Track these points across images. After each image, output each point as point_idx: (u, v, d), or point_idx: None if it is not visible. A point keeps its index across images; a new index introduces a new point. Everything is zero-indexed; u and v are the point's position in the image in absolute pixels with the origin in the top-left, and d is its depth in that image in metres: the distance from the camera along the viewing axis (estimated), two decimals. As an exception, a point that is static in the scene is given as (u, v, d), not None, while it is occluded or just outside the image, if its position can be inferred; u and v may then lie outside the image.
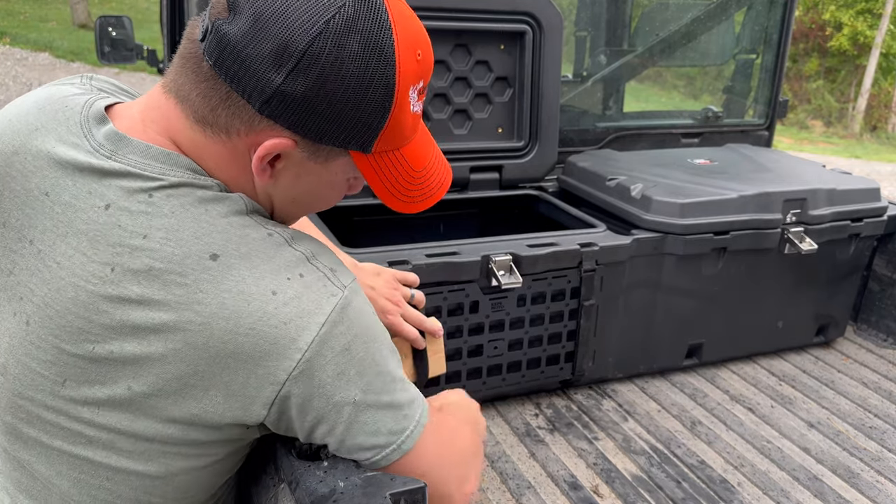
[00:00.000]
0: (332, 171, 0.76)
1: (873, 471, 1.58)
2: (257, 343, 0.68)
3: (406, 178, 0.79)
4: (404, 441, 0.77)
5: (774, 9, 2.44)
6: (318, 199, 0.81)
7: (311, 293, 0.70)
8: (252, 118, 0.69)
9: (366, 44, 0.67)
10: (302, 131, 0.70)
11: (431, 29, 2.05)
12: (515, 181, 2.05)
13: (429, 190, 0.83)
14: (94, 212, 0.69)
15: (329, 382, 0.71)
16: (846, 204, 1.93)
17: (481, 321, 1.62)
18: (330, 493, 0.74)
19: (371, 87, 0.68)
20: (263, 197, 0.77)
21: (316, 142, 0.71)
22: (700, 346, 1.93)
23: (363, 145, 0.72)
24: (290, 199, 0.78)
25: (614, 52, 2.56)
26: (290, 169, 0.74)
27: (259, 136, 0.70)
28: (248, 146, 0.71)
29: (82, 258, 0.69)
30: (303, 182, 0.76)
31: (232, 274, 0.68)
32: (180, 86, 0.71)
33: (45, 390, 0.71)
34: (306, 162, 0.73)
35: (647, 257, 1.75)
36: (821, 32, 15.08)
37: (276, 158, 0.72)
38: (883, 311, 2.15)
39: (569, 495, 1.46)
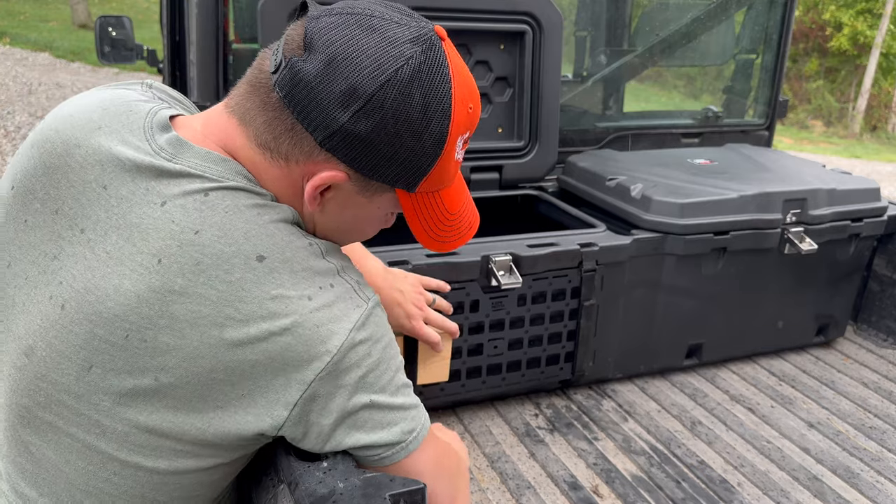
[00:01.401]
0: (376, 205, 0.82)
1: (873, 471, 1.58)
2: (290, 343, 0.72)
3: (441, 219, 0.86)
4: (412, 441, 0.82)
5: (774, 9, 2.44)
6: (357, 230, 0.87)
7: (341, 302, 0.76)
8: (312, 150, 0.75)
9: (428, 94, 0.73)
10: (356, 167, 0.76)
11: (431, 29, 2.03)
12: (515, 181, 2.05)
13: (458, 232, 0.89)
14: (150, 207, 0.73)
15: (351, 384, 0.75)
16: (846, 204, 1.93)
17: (481, 320, 1.62)
18: (329, 494, 0.74)
19: (426, 134, 0.74)
20: (308, 220, 0.83)
21: (367, 178, 0.77)
22: (700, 347, 1.93)
23: (409, 185, 0.79)
24: (334, 228, 0.84)
25: (614, 52, 2.56)
26: (338, 199, 0.79)
27: (316, 166, 0.76)
28: (304, 174, 0.77)
29: (131, 248, 0.72)
30: (347, 213, 0.82)
31: (274, 277, 0.72)
32: (246, 110, 0.77)
33: (71, 374, 0.72)
34: (355, 195, 0.79)
35: (647, 257, 1.75)
36: (821, 32, 15.09)
37: (327, 189, 0.78)
38: (883, 311, 2.15)
39: (569, 495, 1.46)
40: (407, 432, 0.81)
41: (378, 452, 0.80)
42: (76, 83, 8.70)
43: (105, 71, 9.72)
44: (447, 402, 1.69)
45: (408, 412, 0.82)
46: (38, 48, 10.60)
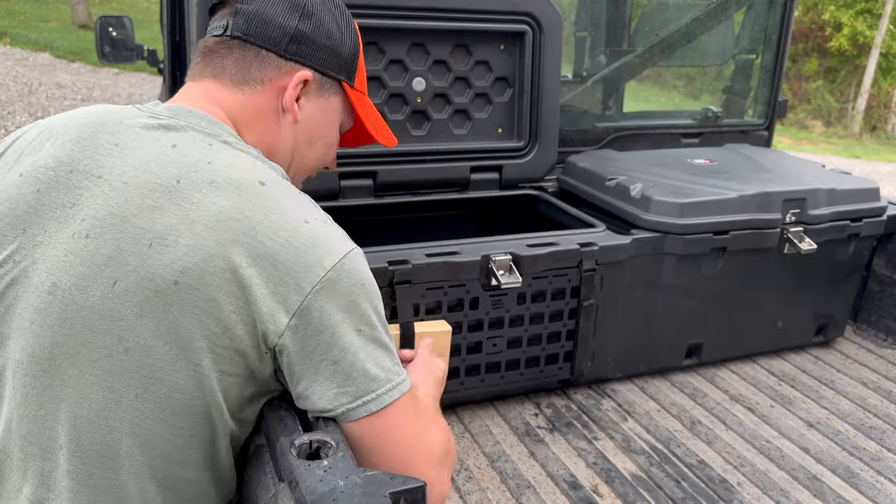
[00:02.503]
0: (334, 108, 1.01)
1: (873, 470, 1.58)
2: (290, 254, 0.80)
3: (377, 119, 1.10)
4: (397, 385, 0.84)
5: (774, 9, 2.44)
6: (326, 143, 1.04)
7: (334, 232, 0.85)
8: (279, 64, 0.94)
9: (337, 3, 1.00)
10: (313, 64, 0.96)
11: (432, 29, 2.06)
12: (515, 181, 2.05)
13: (389, 132, 1.14)
14: (163, 148, 0.83)
15: (343, 307, 0.81)
16: (846, 204, 1.93)
17: (481, 318, 1.62)
18: (330, 493, 0.75)
19: (347, 30, 1.00)
20: (285, 146, 0.98)
21: (322, 74, 0.97)
22: (700, 346, 1.93)
23: (351, 78, 1.01)
24: (309, 140, 1.00)
25: (614, 52, 2.56)
26: (308, 105, 0.98)
27: (286, 77, 0.95)
28: (279, 90, 0.95)
29: (150, 175, 0.80)
30: (318, 120, 1.00)
31: (276, 197, 0.83)
32: (214, 68, 0.95)
33: (96, 294, 0.77)
34: (318, 98, 0.98)
35: (646, 257, 1.76)
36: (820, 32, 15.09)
37: (298, 99, 0.96)
38: (882, 310, 2.15)
39: (568, 495, 1.46)
40: (391, 371, 0.84)
41: (365, 387, 0.82)
42: (76, 83, 8.70)
43: (105, 71, 9.73)
44: (446, 399, 1.69)
45: (392, 354, 0.86)
46: (38, 48, 10.60)
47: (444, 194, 2.00)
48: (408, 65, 1.86)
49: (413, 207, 1.97)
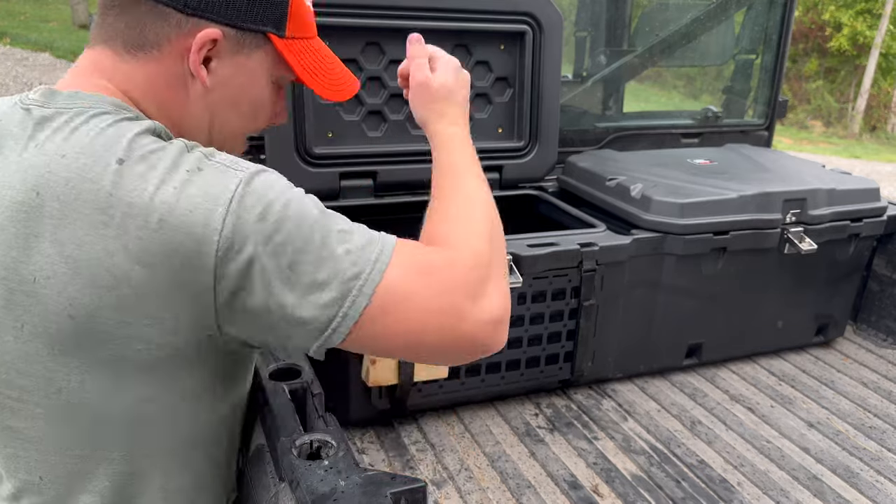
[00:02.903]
0: (257, 63, 0.85)
1: (873, 470, 1.58)
2: (172, 236, 0.69)
3: (323, 67, 0.90)
4: (362, 286, 0.73)
5: (774, 9, 2.44)
6: (253, 103, 0.88)
7: (212, 180, 0.72)
8: (179, 21, 0.78)
9: None
10: (223, 19, 0.80)
11: (432, 29, 2.05)
12: (515, 181, 2.05)
13: (344, 81, 0.94)
14: (23, 152, 0.74)
15: (259, 255, 0.71)
16: (846, 204, 1.93)
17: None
18: (330, 493, 0.75)
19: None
20: (198, 115, 0.84)
21: (237, 28, 0.81)
22: (700, 346, 1.93)
23: (278, 26, 0.84)
24: (228, 104, 0.85)
25: (614, 53, 2.56)
26: (222, 67, 0.82)
27: (188, 37, 0.79)
28: (182, 53, 0.80)
29: (12, 193, 0.72)
30: (236, 82, 0.84)
31: (136, 175, 0.70)
32: (105, 30, 0.80)
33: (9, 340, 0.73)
34: (234, 57, 0.83)
35: (646, 257, 1.76)
36: (820, 33, 15.09)
37: (208, 62, 0.81)
38: (882, 311, 2.15)
39: (569, 495, 1.46)
40: (349, 279, 0.73)
41: (328, 316, 0.73)
42: (76, 83, 8.69)
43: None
44: (446, 400, 1.69)
45: (343, 258, 0.73)
46: (38, 48, 10.60)
47: (444, 194, 1.99)
48: (408, 65, 1.86)
49: (413, 207, 1.97)
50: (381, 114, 1.88)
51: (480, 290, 0.79)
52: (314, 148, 1.80)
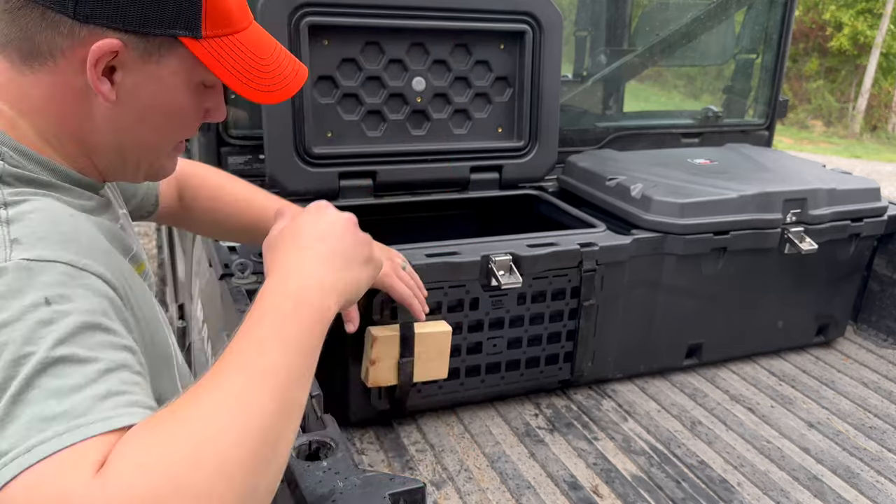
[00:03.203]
0: (171, 71, 0.75)
1: (873, 471, 1.58)
2: None
3: (254, 66, 0.78)
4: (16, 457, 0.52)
5: (774, 9, 2.44)
6: (170, 114, 0.78)
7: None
8: (72, 30, 0.69)
9: None
10: (123, 24, 0.70)
11: (432, 29, 2.05)
12: (515, 181, 2.05)
13: (282, 78, 0.81)
14: None
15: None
16: (846, 204, 1.93)
17: (481, 318, 1.62)
18: (329, 494, 0.75)
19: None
20: (106, 132, 0.76)
21: (142, 34, 0.71)
22: (700, 346, 1.93)
23: (191, 27, 0.73)
24: (139, 118, 0.76)
25: (614, 52, 2.56)
26: (129, 78, 0.73)
27: (84, 47, 0.70)
28: (80, 64, 0.71)
29: None
30: (146, 92, 0.75)
31: None
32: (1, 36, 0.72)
33: None
34: (143, 66, 0.73)
35: (646, 257, 1.75)
36: (821, 32, 15.09)
37: (113, 71, 0.72)
38: (883, 311, 2.15)
39: (568, 495, 1.46)
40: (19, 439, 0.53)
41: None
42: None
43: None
44: (446, 400, 1.69)
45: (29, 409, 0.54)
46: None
47: (444, 194, 1.99)
48: (407, 64, 1.86)
49: (413, 207, 1.97)
50: (381, 113, 1.88)
51: None
52: (313, 148, 1.79)
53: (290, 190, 1.80)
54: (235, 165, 1.86)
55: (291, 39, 1.70)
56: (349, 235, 0.84)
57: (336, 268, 0.79)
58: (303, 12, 1.70)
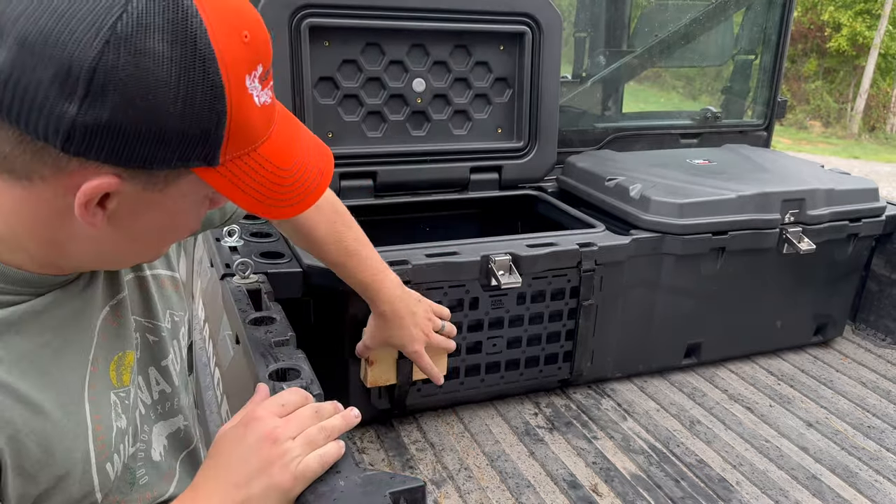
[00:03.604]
0: (178, 194, 0.64)
1: (872, 470, 1.59)
2: None
3: (274, 181, 0.66)
4: None
5: (773, 9, 2.44)
6: (169, 231, 0.70)
7: None
8: (58, 160, 0.57)
9: (170, 40, 0.55)
10: (124, 162, 0.58)
11: (432, 30, 2.06)
12: (515, 181, 2.06)
13: (305, 187, 0.70)
14: None
15: None
16: (844, 204, 1.94)
17: (480, 318, 1.63)
18: (330, 492, 0.75)
19: (191, 90, 0.56)
20: (86, 250, 0.66)
21: (146, 169, 0.59)
22: (699, 346, 1.94)
23: (207, 159, 0.61)
24: (132, 239, 0.67)
25: (613, 53, 2.56)
26: (125, 206, 0.62)
27: (73, 177, 0.58)
28: (64, 190, 0.59)
29: None
30: (145, 219, 0.65)
31: None
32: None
33: None
34: (143, 194, 0.62)
35: (645, 257, 1.76)
36: (819, 33, 15.09)
37: (105, 198, 0.60)
38: (881, 310, 2.16)
39: (568, 494, 1.46)
40: None
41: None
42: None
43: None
44: (446, 400, 1.70)
45: None
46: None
47: (444, 195, 2.00)
48: (408, 65, 1.87)
49: (413, 208, 1.98)
50: (381, 114, 1.89)
51: None
52: (314, 148, 1.80)
53: (291, 190, 1.80)
54: (236, 166, 1.87)
55: (292, 41, 1.71)
56: (253, 460, 0.73)
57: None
58: (303, 14, 1.71)
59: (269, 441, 0.74)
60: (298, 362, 1.07)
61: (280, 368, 1.05)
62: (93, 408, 0.72)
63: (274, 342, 1.12)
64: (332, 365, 1.53)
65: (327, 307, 1.50)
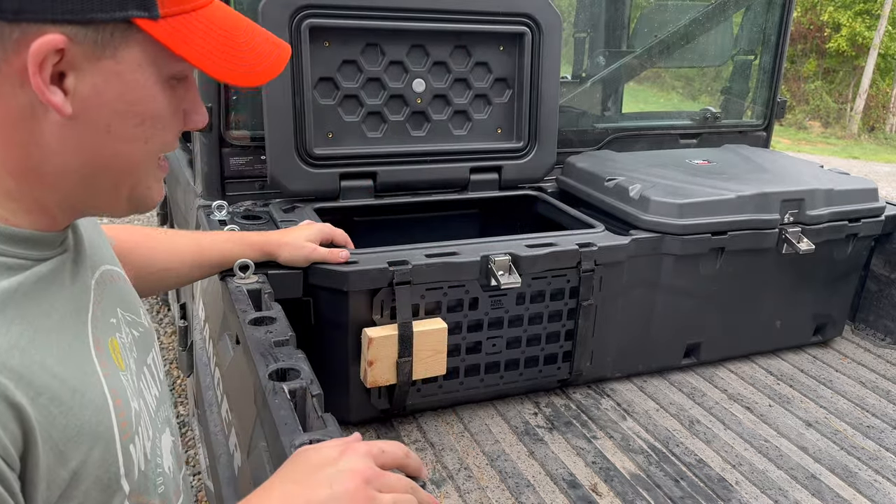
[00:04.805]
0: (134, 64, 0.62)
1: (871, 470, 1.59)
2: None
3: (228, 44, 0.66)
4: None
5: (772, 10, 2.45)
6: (142, 118, 0.65)
7: None
8: (2, 32, 0.57)
9: None
10: (62, 13, 0.57)
11: (432, 31, 2.06)
12: (515, 181, 2.06)
13: (263, 56, 0.69)
14: None
15: None
16: (844, 204, 1.94)
17: (480, 318, 1.63)
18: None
19: None
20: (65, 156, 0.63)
21: (88, 22, 0.58)
22: (698, 346, 1.94)
23: (145, 5, 0.60)
24: (105, 129, 0.64)
25: (613, 54, 2.57)
26: (84, 81, 0.61)
27: (21, 52, 0.57)
28: (19, 76, 0.59)
29: None
30: (109, 95, 0.62)
31: None
32: None
33: None
34: (97, 63, 0.60)
35: (645, 257, 1.76)
36: (819, 33, 15.09)
37: (62, 78, 0.60)
38: (881, 310, 2.16)
39: (567, 494, 1.46)
40: None
41: None
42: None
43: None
44: (445, 400, 1.70)
45: None
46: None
47: (444, 195, 2.00)
48: (408, 66, 1.87)
49: (413, 208, 1.98)
50: (381, 114, 1.89)
51: None
52: (314, 149, 1.80)
53: (292, 190, 1.81)
54: (237, 166, 1.87)
55: (292, 41, 1.71)
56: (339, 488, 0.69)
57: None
58: (304, 14, 1.71)
59: (362, 478, 0.69)
60: (298, 362, 1.07)
61: (280, 368, 1.06)
62: (109, 383, 0.69)
63: (274, 342, 1.13)
64: (332, 365, 1.53)
65: (327, 307, 1.51)
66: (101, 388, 0.68)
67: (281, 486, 0.69)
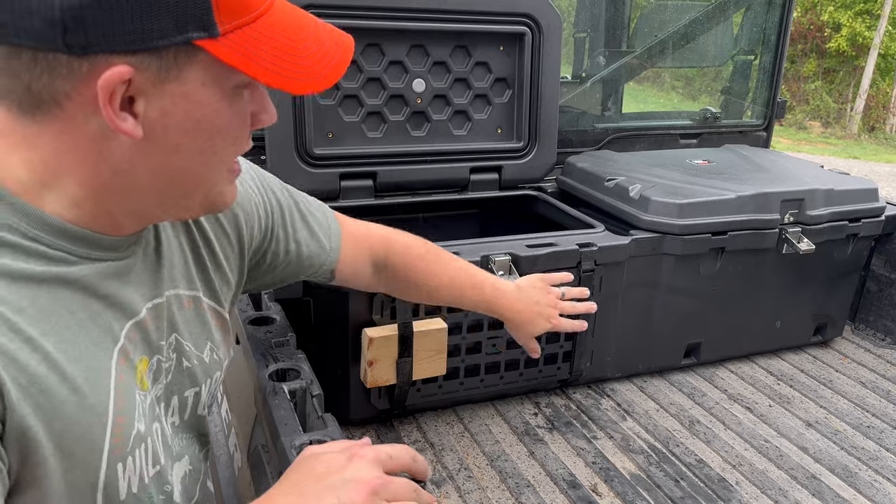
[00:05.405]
0: (198, 82, 0.63)
1: (871, 470, 1.59)
2: None
3: (290, 52, 0.65)
4: None
5: (772, 10, 2.45)
6: (211, 133, 0.66)
7: None
8: (70, 68, 0.59)
9: None
10: (124, 44, 0.58)
11: (432, 31, 2.06)
12: (515, 181, 2.06)
13: (327, 58, 0.68)
14: None
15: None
16: (844, 204, 1.94)
17: (480, 318, 1.63)
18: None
19: None
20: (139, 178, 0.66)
21: (150, 50, 0.59)
22: (698, 346, 1.94)
23: (204, 25, 0.60)
24: (174, 149, 0.65)
25: (613, 54, 2.57)
26: (151, 105, 0.62)
27: (91, 85, 0.59)
28: (91, 104, 0.60)
29: None
30: (177, 116, 0.63)
31: None
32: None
33: None
34: (162, 87, 0.62)
35: (645, 257, 1.76)
36: (819, 33, 15.09)
37: (132, 102, 0.61)
38: (881, 310, 2.16)
39: (568, 494, 1.46)
40: None
41: None
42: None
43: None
44: (445, 400, 1.70)
45: None
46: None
47: (444, 195, 2.00)
48: (408, 66, 1.87)
49: (413, 208, 1.98)
50: (381, 114, 1.89)
51: None
52: (314, 149, 1.80)
53: (291, 191, 1.80)
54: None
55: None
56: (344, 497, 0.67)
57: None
58: (303, 14, 1.71)
59: (369, 489, 0.67)
60: (298, 362, 1.07)
61: (280, 368, 1.06)
62: (117, 396, 0.68)
63: (274, 342, 1.13)
64: (332, 365, 1.53)
65: (327, 307, 1.51)
66: (107, 397, 0.67)
67: (285, 499, 0.67)
